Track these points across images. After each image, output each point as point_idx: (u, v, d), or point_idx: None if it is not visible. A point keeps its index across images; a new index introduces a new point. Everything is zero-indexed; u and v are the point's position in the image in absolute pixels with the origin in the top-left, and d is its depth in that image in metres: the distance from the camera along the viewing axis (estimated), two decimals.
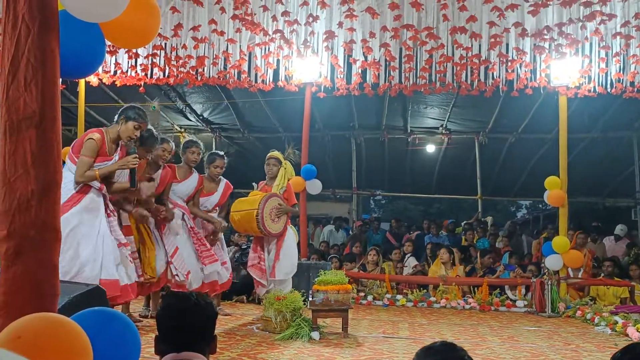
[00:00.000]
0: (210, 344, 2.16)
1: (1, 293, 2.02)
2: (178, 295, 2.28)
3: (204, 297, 2.23)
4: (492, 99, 9.30)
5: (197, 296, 2.20)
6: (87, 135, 5.00)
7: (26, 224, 2.02)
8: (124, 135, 5.07)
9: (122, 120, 5.07)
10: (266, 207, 6.14)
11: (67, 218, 4.59)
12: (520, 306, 7.96)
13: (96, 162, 4.93)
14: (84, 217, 4.78)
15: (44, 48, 2.06)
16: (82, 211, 4.78)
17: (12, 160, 2.03)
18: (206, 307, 2.16)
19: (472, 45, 7.47)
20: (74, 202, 4.78)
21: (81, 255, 4.64)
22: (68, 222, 4.58)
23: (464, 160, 14.09)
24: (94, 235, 4.78)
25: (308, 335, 5.18)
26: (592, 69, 7.95)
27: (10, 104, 2.04)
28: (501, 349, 5.21)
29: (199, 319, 2.12)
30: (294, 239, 6.63)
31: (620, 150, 12.80)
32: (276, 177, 6.50)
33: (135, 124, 5.07)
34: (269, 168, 6.56)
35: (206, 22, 7.35)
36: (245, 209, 6.27)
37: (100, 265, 4.71)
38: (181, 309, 2.13)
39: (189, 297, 2.18)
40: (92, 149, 4.89)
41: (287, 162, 6.62)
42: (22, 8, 2.04)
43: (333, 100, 9.46)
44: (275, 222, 6.25)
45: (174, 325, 2.12)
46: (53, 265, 2.09)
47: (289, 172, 6.61)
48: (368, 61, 7.95)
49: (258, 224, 6.09)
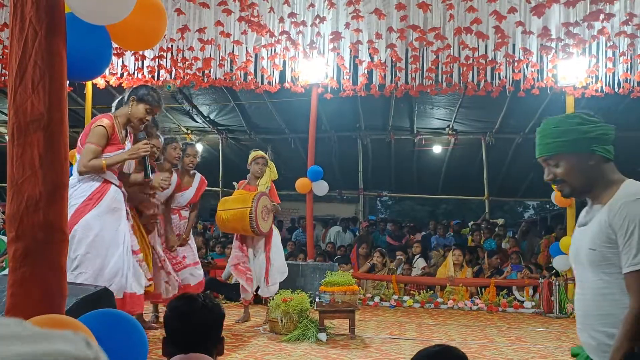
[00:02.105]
0: (217, 345, 2.16)
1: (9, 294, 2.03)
2: (185, 297, 2.28)
3: (211, 298, 2.23)
4: (499, 99, 9.27)
5: (205, 298, 2.20)
6: (95, 121, 4.36)
7: (34, 226, 2.03)
8: (134, 118, 4.45)
9: (133, 101, 4.44)
10: (259, 206, 5.95)
11: (89, 222, 4.09)
12: (527, 307, 7.94)
13: (107, 152, 4.29)
14: (106, 220, 4.19)
15: (51, 50, 2.07)
16: (104, 213, 4.19)
17: (20, 163, 2.04)
18: (213, 308, 2.16)
19: (478, 45, 7.45)
20: (94, 202, 4.17)
21: (108, 266, 4.10)
22: (90, 227, 4.09)
23: (470, 160, 14.05)
24: (120, 243, 4.22)
25: (315, 337, 5.18)
26: (599, 69, 7.91)
27: (18, 106, 2.05)
28: (509, 350, 5.19)
29: (206, 320, 2.12)
30: (279, 238, 6.55)
31: (628, 150, 12.70)
32: (262, 176, 6.36)
33: (147, 107, 4.46)
34: (259, 167, 6.35)
35: (212, 24, 7.36)
36: (236, 207, 6.03)
37: (126, 277, 4.19)
38: (188, 311, 2.13)
39: (196, 298, 2.18)
40: (100, 136, 4.25)
41: (271, 163, 6.53)
42: (29, 11, 2.05)
43: (339, 101, 9.45)
44: (266, 220, 6.08)
45: (181, 326, 2.12)
46: (61, 266, 2.10)
47: (273, 172, 6.48)
48: (374, 62, 7.95)
49: (251, 222, 5.86)
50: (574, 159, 2.09)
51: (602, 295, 1.99)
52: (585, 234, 2.07)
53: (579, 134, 2.08)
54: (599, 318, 2.00)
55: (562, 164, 2.11)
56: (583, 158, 2.08)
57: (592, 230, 2.03)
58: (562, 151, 2.10)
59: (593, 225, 2.04)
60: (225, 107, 12.34)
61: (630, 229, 1.91)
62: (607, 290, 1.98)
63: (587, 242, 2.03)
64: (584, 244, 2.06)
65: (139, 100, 4.42)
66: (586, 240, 2.04)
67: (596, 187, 2.10)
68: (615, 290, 1.96)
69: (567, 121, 2.13)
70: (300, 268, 7.68)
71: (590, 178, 2.10)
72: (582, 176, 2.10)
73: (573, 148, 2.09)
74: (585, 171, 2.09)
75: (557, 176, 2.12)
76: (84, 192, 4.19)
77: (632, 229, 1.90)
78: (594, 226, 2.03)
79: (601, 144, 2.09)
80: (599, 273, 2.00)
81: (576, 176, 2.10)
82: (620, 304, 1.94)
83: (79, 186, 4.23)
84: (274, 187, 6.52)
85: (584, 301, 2.08)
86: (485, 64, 7.79)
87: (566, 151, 2.09)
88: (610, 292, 1.97)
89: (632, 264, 1.89)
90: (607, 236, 1.96)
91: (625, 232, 1.91)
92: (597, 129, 2.10)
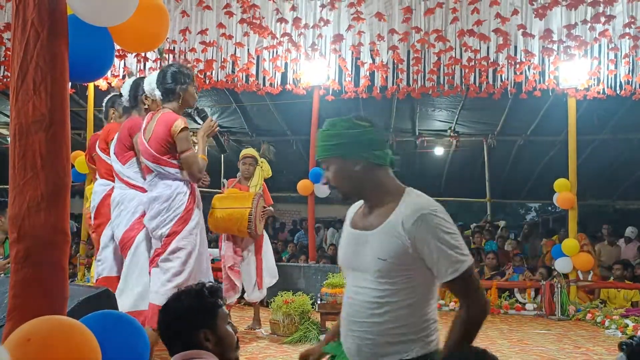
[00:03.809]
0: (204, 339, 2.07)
1: (11, 296, 2.03)
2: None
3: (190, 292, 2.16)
4: (501, 101, 9.27)
5: (181, 292, 2.16)
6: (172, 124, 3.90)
7: (36, 227, 2.03)
8: (192, 99, 4.16)
9: (182, 88, 4.04)
10: (258, 207, 5.67)
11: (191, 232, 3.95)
12: (529, 309, 7.92)
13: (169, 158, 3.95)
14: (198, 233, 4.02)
15: (53, 52, 2.07)
16: (197, 225, 4.01)
17: (21, 164, 2.04)
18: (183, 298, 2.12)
19: (480, 47, 7.45)
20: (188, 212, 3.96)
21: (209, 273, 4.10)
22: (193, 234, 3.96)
23: (472, 162, 14.05)
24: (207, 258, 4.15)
25: (317, 338, 5.18)
26: (601, 71, 7.91)
27: (20, 107, 2.05)
28: (511, 352, 5.18)
29: (175, 316, 2.10)
30: (268, 241, 6.25)
31: (630, 152, 12.71)
32: (252, 176, 6.08)
33: (196, 85, 4.22)
34: (245, 167, 6.07)
35: (214, 26, 7.37)
36: (234, 206, 5.65)
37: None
38: (163, 311, 2.15)
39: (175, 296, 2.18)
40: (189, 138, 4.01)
41: (263, 161, 6.24)
42: (31, 13, 2.05)
43: (341, 103, 9.45)
44: (261, 222, 5.82)
45: (161, 329, 2.13)
46: (62, 268, 2.10)
47: (266, 170, 6.18)
48: (376, 64, 7.95)
49: (250, 224, 5.50)
50: (340, 163, 2.05)
51: (380, 304, 1.97)
52: (368, 241, 2.02)
53: (345, 138, 2.04)
54: (371, 325, 1.98)
55: (331, 168, 2.09)
56: (348, 163, 2.04)
57: (380, 240, 1.98)
58: (330, 155, 2.07)
59: (381, 235, 1.99)
60: (227, 109, 12.34)
61: (435, 242, 1.91)
62: (387, 299, 1.96)
63: (375, 251, 1.98)
64: (367, 251, 2.01)
65: (190, 82, 4.10)
66: (372, 248, 2.00)
67: (369, 192, 2.07)
68: (397, 299, 1.95)
69: (337, 124, 2.09)
70: (301, 270, 7.67)
71: (357, 183, 2.06)
72: (348, 181, 2.07)
73: (339, 152, 2.05)
74: (351, 176, 2.05)
75: (328, 180, 2.10)
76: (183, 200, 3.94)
77: (437, 240, 1.90)
78: (382, 236, 1.98)
79: (370, 150, 2.04)
80: (383, 283, 1.97)
81: (342, 181, 2.08)
82: (399, 313, 1.95)
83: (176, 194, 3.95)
84: (267, 188, 6.22)
85: (355, 307, 2.03)
86: (487, 66, 7.80)
87: (333, 155, 2.06)
88: (391, 301, 1.96)
89: (451, 272, 1.91)
90: (404, 249, 1.93)
91: (433, 245, 1.91)
92: (365, 134, 2.05)
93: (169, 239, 3.88)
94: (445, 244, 1.91)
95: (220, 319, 2.14)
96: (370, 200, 2.08)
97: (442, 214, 1.95)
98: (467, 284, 1.94)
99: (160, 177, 3.95)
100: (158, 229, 3.92)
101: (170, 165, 3.93)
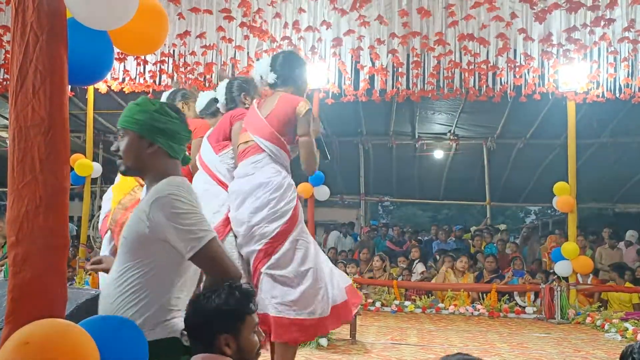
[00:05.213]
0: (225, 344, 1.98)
1: (9, 299, 2.02)
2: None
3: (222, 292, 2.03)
4: (500, 104, 9.29)
5: (214, 290, 2.04)
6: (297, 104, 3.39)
7: (34, 231, 2.03)
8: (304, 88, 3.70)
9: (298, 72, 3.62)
10: None
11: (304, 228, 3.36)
12: (529, 312, 7.92)
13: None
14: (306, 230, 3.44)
15: (52, 55, 2.07)
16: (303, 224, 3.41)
17: (20, 167, 2.04)
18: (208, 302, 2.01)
19: (480, 51, 7.46)
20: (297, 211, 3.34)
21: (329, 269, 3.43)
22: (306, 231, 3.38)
23: (472, 166, 14.06)
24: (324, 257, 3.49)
25: (316, 342, 5.17)
26: (601, 74, 7.92)
27: (19, 111, 2.05)
28: (510, 355, 5.18)
29: (200, 315, 2.02)
30: None
31: (629, 156, 12.72)
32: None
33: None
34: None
35: (214, 29, 7.38)
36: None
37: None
38: (191, 305, 2.08)
39: (207, 292, 2.06)
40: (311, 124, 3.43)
41: None
42: (30, 16, 2.06)
43: (341, 106, 9.47)
44: None
45: (186, 324, 2.09)
46: (61, 271, 2.09)
47: None
48: (376, 67, 7.96)
49: None
50: (136, 139, 2.17)
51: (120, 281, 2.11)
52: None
53: (150, 119, 2.16)
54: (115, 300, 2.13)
55: (126, 139, 2.20)
56: (143, 142, 2.17)
57: (130, 220, 2.13)
58: (130, 128, 2.18)
59: (132, 216, 2.13)
60: None
61: (170, 223, 2.02)
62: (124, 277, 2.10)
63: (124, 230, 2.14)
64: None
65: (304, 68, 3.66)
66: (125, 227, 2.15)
67: (151, 176, 2.19)
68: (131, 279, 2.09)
69: (149, 104, 2.21)
70: None
71: (142, 163, 2.19)
72: (135, 158, 2.19)
73: (139, 129, 2.17)
74: (140, 155, 2.18)
75: (119, 150, 2.22)
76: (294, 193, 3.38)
77: (172, 222, 2.02)
78: (132, 217, 2.13)
79: (167, 138, 2.18)
80: (125, 260, 2.11)
81: (130, 155, 2.19)
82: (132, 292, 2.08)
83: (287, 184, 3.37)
84: None
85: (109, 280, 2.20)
86: (486, 69, 7.81)
87: (132, 129, 2.18)
88: (126, 280, 2.10)
89: (189, 249, 2.02)
90: (142, 229, 2.06)
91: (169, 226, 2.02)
92: (170, 124, 2.18)
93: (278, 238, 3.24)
94: (180, 224, 2.02)
95: (246, 326, 2.01)
96: (150, 184, 2.21)
97: (178, 197, 2.06)
98: (209, 260, 2.06)
99: (271, 159, 3.36)
100: (262, 223, 3.24)
101: (285, 150, 3.39)
